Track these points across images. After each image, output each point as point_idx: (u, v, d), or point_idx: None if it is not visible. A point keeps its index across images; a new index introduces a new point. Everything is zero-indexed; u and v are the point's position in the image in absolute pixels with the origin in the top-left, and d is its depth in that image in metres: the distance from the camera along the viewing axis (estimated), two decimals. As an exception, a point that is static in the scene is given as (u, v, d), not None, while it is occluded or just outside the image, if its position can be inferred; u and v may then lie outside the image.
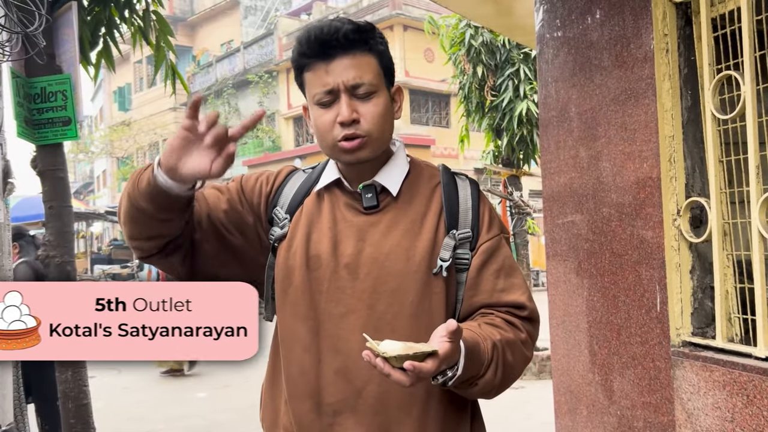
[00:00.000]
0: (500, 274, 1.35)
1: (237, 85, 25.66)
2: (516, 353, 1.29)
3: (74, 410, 3.63)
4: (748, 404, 1.91)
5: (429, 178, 1.41)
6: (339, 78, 1.28)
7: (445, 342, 1.11)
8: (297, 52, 1.33)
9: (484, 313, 1.34)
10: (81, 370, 3.67)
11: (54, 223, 3.61)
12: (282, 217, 1.41)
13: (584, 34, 2.60)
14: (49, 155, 3.63)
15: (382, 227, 1.34)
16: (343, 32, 1.28)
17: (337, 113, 1.29)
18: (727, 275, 2.11)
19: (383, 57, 1.35)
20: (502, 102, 7.74)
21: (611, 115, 2.46)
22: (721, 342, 2.08)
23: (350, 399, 1.30)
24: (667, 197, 2.24)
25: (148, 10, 4.12)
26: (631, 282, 2.38)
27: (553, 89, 2.81)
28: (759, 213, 1.93)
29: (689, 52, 2.24)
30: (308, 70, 1.32)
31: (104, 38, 4.08)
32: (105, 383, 7.46)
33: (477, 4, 4.34)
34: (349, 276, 1.32)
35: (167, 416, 6.02)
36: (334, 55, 1.29)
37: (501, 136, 8.04)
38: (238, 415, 6.01)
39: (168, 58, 4.24)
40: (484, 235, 1.36)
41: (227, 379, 7.45)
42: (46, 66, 3.48)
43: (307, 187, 1.43)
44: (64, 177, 3.70)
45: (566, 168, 2.72)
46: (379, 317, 1.30)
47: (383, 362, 1.09)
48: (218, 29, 30.61)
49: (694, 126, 2.24)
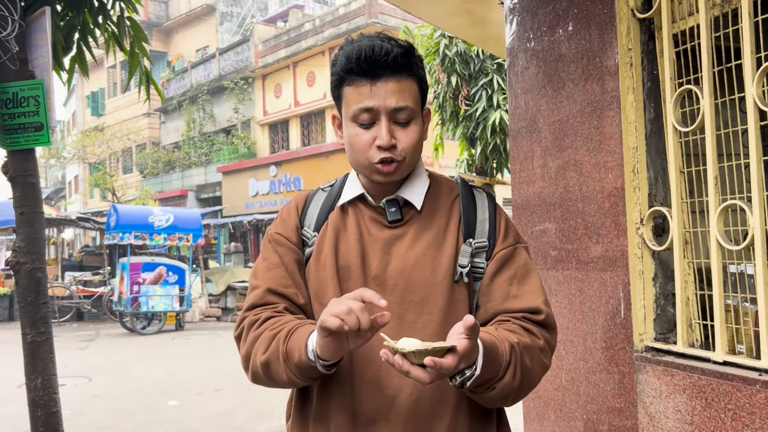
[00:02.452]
0: (513, 280, 1.37)
1: (212, 91, 25.51)
2: (534, 358, 1.29)
3: (43, 418, 3.58)
4: (706, 407, 1.97)
5: (448, 191, 1.46)
6: (382, 101, 1.31)
7: (463, 338, 1.10)
8: (342, 67, 1.35)
9: (500, 320, 1.35)
10: (51, 378, 3.62)
11: (25, 229, 3.57)
12: (311, 235, 1.45)
13: (553, 47, 2.67)
14: (20, 161, 3.59)
15: (407, 240, 1.38)
16: (393, 56, 1.31)
17: (376, 135, 1.32)
18: (688, 282, 2.18)
19: (422, 82, 1.40)
20: (475, 111, 7.84)
21: (578, 127, 2.52)
22: (681, 347, 2.15)
23: (384, 408, 1.32)
24: (631, 206, 2.30)
25: (123, 16, 4.10)
26: (596, 289, 2.44)
27: (522, 100, 2.87)
28: (717, 222, 2.00)
29: (652, 66, 2.32)
30: (350, 84, 1.34)
31: (78, 44, 4.05)
32: (75, 391, 7.37)
33: (450, 15, 4.41)
34: (378, 288, 1.35)
35: (138, 424, 5.96)
36: (381, 76, 1.32)
37: (475, 145, 8.13)
38: (210, 422, 5.98)
39: (142, 65, 4.22)
40: (499, 244, 1.40)
41: (199, 386, 7.40)
42: (18, 71, 3.46)
43: (330, 203, 1.47)
44: (36, 183, 3.66)
45: (535, 177, 2.78)
46: (409, 326, 1.33)
47: (402, 359, 1.09)
48: (194, 35, 30.43)
49: (657, 138, 2.32)
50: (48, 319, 3.57)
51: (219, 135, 25.85)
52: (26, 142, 3.58)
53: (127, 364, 9.16)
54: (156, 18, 31.45)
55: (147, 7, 30.55)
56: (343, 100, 1.37)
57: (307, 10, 28.12)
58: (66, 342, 11.31)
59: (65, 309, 14.57)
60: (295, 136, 22.86)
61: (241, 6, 30.58)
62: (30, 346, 3.50)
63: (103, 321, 14.72)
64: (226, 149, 24.66)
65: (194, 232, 13.74)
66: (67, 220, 16.30)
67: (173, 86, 27.83)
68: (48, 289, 9.18)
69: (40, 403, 3.58)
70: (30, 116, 3.60)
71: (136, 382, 7.88)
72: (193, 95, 26.25)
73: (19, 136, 3.58)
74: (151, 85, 4.28)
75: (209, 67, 26.21)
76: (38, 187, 3.71)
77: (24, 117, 3.60)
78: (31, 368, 3.51)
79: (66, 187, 40.22)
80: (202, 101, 25.90)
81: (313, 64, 21.78)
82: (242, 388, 7.07)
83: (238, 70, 24.53)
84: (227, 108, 24.95)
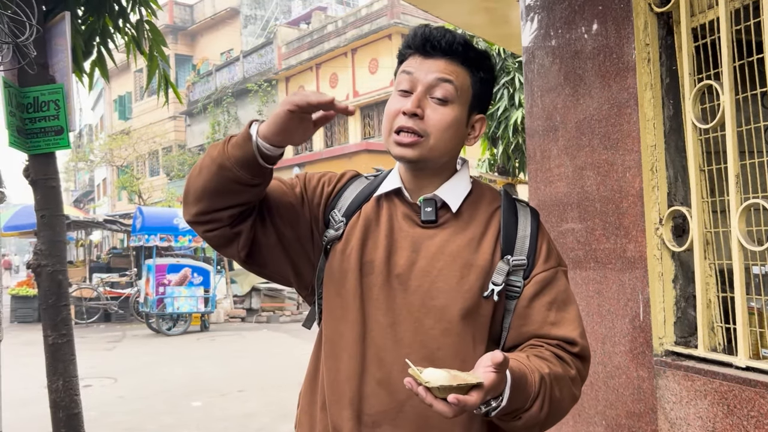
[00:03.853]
0: (552, 306, 1.31)
1: (236, 94, 25.72)
2: (564, 389, 1.24)
3: (65, 420, 3.61)
4: (728, 414, 1.91)
5: (490, 201, 1.39)
6: (423, 73, 1.30)
7: (491, 372, 1.05)
8: (403, 44, 1.36)
9: (533, 344, 1.29)
10: (72, 379, 3.65)
11: (46, 232, 3.61)
12: (338, 220, 1.40)
13: (570, 43, 2.61)
14: (41, 164, 3.64)
15: (438, 241, 1.32)
16: (449, 39, 1.30)
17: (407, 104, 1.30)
18: (710, 284, 2.11)
19: (479, 83, 1.35)
20: (497, 110, 7.76)
21: (595, 125, 2.47)
22: (702, 351, 2.08)
23: (391, 412, 1.28)
24: (650, 206, 2.24)
25: (142, 20, 4.13)
26: (615, 291, 2.39)
27: (539, 99, 2.82)
28: (738, 222, 1.93)
29: (671, 61, 2.25)
30: (405, 60, 1.35)
31: (98, 48, 4.09)
32: (101, 392, 7.45)
33: (470, 14, 4.37)
34: (400, 286, 1.31)
35: (162, 425, 6.00)
36: (433, 55, 1.31)
37: (497, 145, 8.06)
38: (233, 424, 6.00)
39: (161, 68, 4.25)
40: (540, 265, 1.33)
41: (223, 387, 7.44)
42: (39, 75, 3.50)
43: (368, 193, 1.42)
44: (57, 186, 3.70)
45: (552, 177, 2.73)
46: (426, 332, 1.28)
47: (425, 392, 1.05)
48: (218, 38, 30.72)
49: (677, 135, 2.25)
50: (69, 321, 3.60)
51: (243, 137, 25.99)
52: (47, 145, 3.62)
53: (152, 365, 9.25)
54: (181, 22, 31.81)
55: (172, 11, 30.91)
56: (397, 78, 1.36)
57: (330, 11, 28.20)
58: (93, 343, 11.45)
59: (93, 310, 14.76)
60: (318, 137, 22.93)
61: (264, 9, 30.79)
62: (51, 348, 3.54)
63: (130, 322, 14.88)
64: (250, 151, 24.79)
65: (219, 234, 13.81)
66: (95, 222, 16.53)
67: (198, 89, 28.11)
68: (74, 291, 9.25)
69: (61, 405, 3.61)
70: (50, 120, 3.64)
71: (161, 383, 7.95)
72: (218, 98, 26.48)
73: (39, 140, 3.62)
74: (173, 88, 4.31)
75: (233, 70, 26.43)
76: (59, 190, 3.75)
77: (44, 121, 3.64)
78: (52, 370, 3.54)
79: (94, 189, 40.85)
80: (227, 104, 26.12)
81: (336, 66, 21.82)
82: (265, 389, 7.10)
83: (261, 72, 24.69)
84: (251, 110, 25.11)
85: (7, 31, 3.09)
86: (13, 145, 3.54)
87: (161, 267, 12.92)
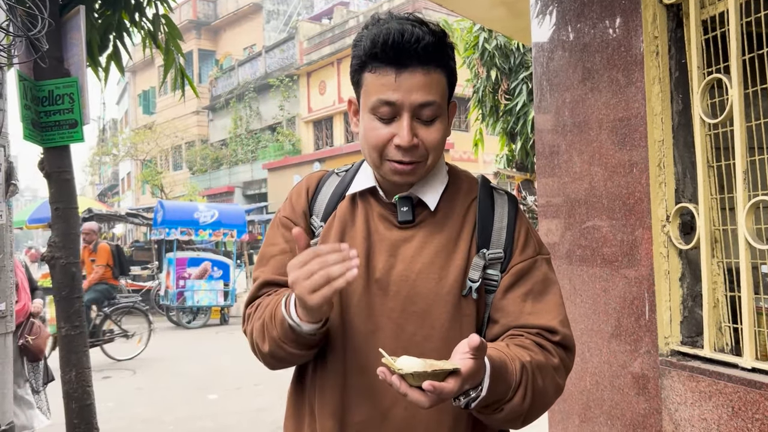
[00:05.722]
0: (528, 297, 1.25)
1: (258, 89, 25.85)
2: (547, 378, 1.18)
3: (77, 410, 3.65)
4: (733, 416, 1.86)
5: (467, 192, 1.34)
6: (407, 95, 1.18)
7: (468, 359, 1.01)
8: (366, 50, 1.20)
9: (513, 335, 1.24)
10: (85, 371, 3.69)
11: (60, 224, 3.65)
12: (318, 225, 1.36)
13: (578, 37, 2.57)
14: (55, 157, 3.67)
15: (415, 244, 1.28)
16: (424, 44, 1.17)
17: (395, 133, 1.20)
18: (717, 283, 2.06)
19: (452, 74, 1.26)
20: (515, 106, 7.69)
21: (603, 119, 2.42)
22: (708, 352, 2.03)
23: (375, 420, 1.24)
24: (656, 203, 2.19)
25: (158, 14, 4.15)
26: (621, 289, 2.34)
27: (547, 93, 2.78)
28: (746, 220, 1.88)
29: (680, 54, 2.20)
30: (373, 71, 1.20)
31: (114, 42, 4.12)
32: (120, 383, 7.55)
33: (488, 8, 4.32)
34: (379, 291, 1.26)
35: (177, 417, 6.06)
36: (408, 66, 1.17)
37: (515, 140, 7.99)
38: (249, 417, 6.03)
39: (177, 63, 4.26)
40: (516, 256, 1.28)
41: (239, 381, 7.49)
42: (54, 69, 3.53)
43: (341, 191, 1.37)
44: (71, 179, 3.74)
45: (560, 173, 2.69)
46: (408, 338, 1.24)
47: (399, 380, 1.00)
48: (241, 33, 30.87)
49: (686, 130, 2.20)
50: (82, 313, 3.64)
51: (265, 132, 26.18)
52: (61, 139, 3.65)
53: (171, 358, 9.34)
54: (204, 17, 32.02)
55: (196, 7, 31.12)
56: (362, 87, 1.23)
57: (352, 6, 28.19)
58: (114, 334, 11.60)
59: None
60: (338, 132, 22.96)
61: (287, 4, 30.87)
62: (64, 339, 3.58)
63: (152, 314, 15.06)
64: (272, 146, 24.96)
65: (238, 228, 13.91)
66: (117, 215, 16.73)
67: (221, 84, 28.32)
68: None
69: (74, 396, 3.65)
70: (65, 113, 3.67)
71: (178, 375, 8.03)
72: (240, 93, 26.63)
73: (54, 133, 3.66)
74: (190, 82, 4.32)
75: (256, 65, 26.57)
76: (73, 183, 3.78)
77: (59, 114, 3.68)
78: (65, 361, 3.59)
79: (119, 183, 41.37)
80: (249, 99, 26.26)
81: (358, 61, 21.80)
82: (280, 383, 7.12)
83: (283, 67, 24.79)
84: (273, 105, 25.23)
85: (19, 25, 3.11)
86: (28, 138, 3.58)
87: (182, 260, 13.04)
